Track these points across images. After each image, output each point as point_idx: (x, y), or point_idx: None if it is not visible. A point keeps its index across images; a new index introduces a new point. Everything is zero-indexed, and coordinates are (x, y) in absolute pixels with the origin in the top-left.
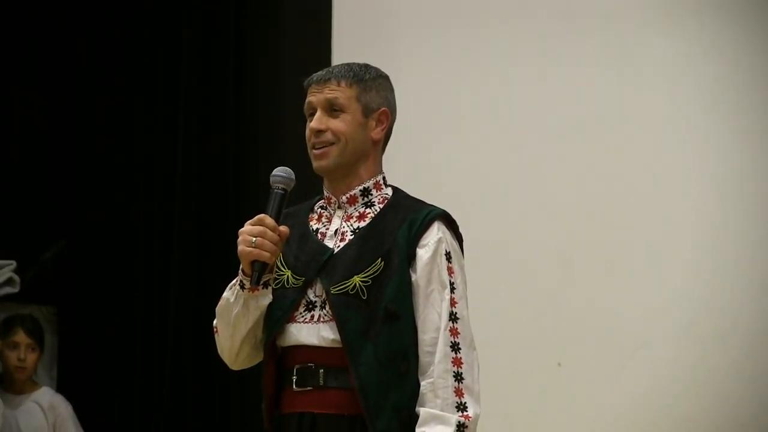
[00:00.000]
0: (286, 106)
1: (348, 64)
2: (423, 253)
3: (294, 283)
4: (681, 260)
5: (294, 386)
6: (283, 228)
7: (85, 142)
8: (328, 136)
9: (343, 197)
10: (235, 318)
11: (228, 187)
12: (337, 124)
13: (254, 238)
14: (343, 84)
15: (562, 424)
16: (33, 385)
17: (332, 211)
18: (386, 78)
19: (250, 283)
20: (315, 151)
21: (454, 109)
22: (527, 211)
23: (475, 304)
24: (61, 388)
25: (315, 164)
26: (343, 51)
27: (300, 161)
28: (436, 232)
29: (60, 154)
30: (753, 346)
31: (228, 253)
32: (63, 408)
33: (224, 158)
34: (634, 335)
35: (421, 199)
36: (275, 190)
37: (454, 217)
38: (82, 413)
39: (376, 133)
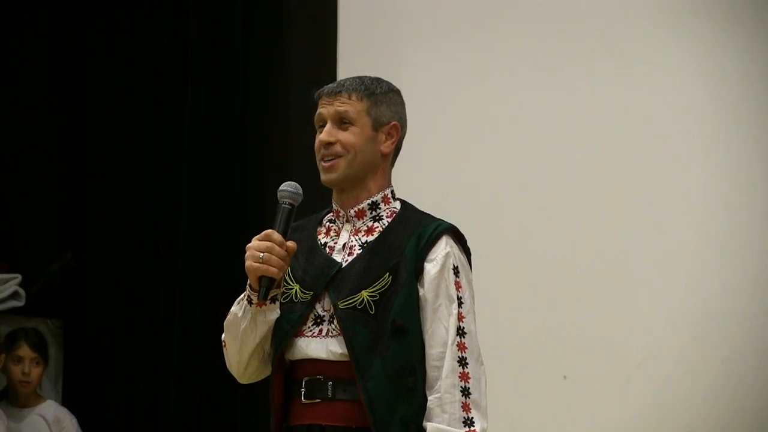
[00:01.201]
0: (292, 116)
1: (360, 78)
2: (431, 268)
3: (302, 298)
4: (687, 272)
5: (302, 398)
6: (290, 243)
7: (90, 155)
8: (338, 148)
9: (351, 211)
10: (242, 333)
11: (234, 198)
12: (347, 136)
13: (261, 254)
14: (353, 97)
15: None
16: (38, 398)
17: (341, 225)
18: (397, 92)
19: (258, 299)
20: (324, 164)
21: (458, 116)
22: (532, 222)
23: (479, 316)
24: (66, 402)
25: (323, 177)
26: (348, 58)
27: (305, 171)
28: (444, 247)
29: (66, 167)
30: (760, 359)
31: (234, 266)
32: (68, 421)
33: (230, 169)
34: (639, 348)
35: (428, 212)
36: (283, 205)
37: (459, 226)
38: (87, 427)
39: (386, 147)
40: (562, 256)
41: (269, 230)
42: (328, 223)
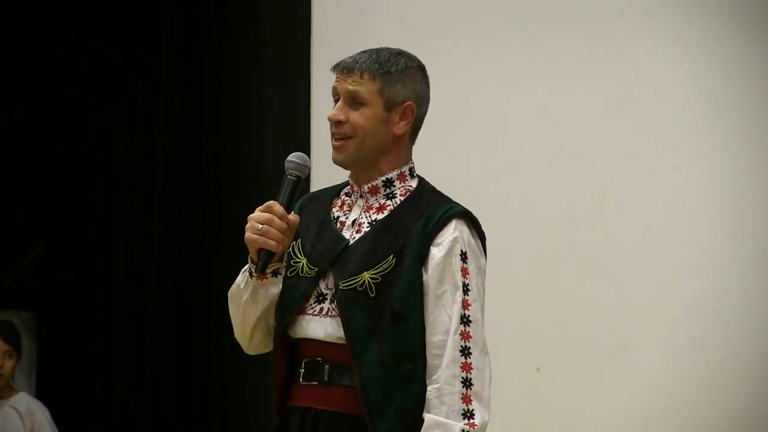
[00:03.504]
0: (268, 112)
1: (377, 52)
2: (436, 252)
3: (308, 273)
4: (662, 263)
5: (301, 380)
6: (292, 216)
7: (64, 147)
8: (347, 129)
9: (365, 187)
10: (244, 304)
11: (208, 191)
12: (357, 117)
13: (261, 226)
14: (366, 76)
15: (542, 429)
16: (10, 390)
17: (354, 200)
18: (418, 68)
19: (256, 271)
20: (334, 142)
21: (434, 111)
22: (507, 213)
23: None
24: (40, 394)
25: (333, 156)
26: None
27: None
28: (452, 231)
29: (39, 159)
30: (736, 350)
31: (208, 258)
32: (40, 413)
33: (205, 162)
34: (613, 340)
35: (444, 194)
36: (288, 177)
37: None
38: (60, 419)
39: (399, 128)
40: (536, 248)
41: (271, 201)
42: (344, 196)
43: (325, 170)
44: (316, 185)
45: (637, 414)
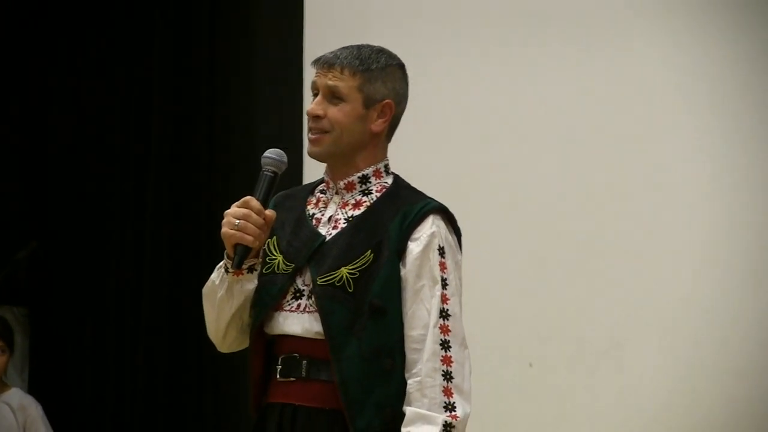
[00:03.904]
0: (259, 111)
1: (359, 49)
2: (414, 247)
3: (284, 269)
4: (654, 260)
5: (278, 376)
6: (269, 212)
7: (57, 143)
8: (325, 123)
9: (341, 183)
10: (219, 301)
11: (200, 188)
12: (335, 113)
13: (238, 221)
14: (346, 72)
15: (534, 425)
16: (3, 386)
17: (330, 197)
18: (398, 66)
19: (232, 267)
20: (310, 135)
21: (424, 107)
22: (499, 210)
23: None
24: (32, 390)
25: (308, 149)
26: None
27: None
28: (429, 226)
29: (31, 155)
30: (728, 347)
31: (201, 253)
32: (33, 409)
33: (197, 158)
34: (606, 336)
35: (420, 191)
36: (265, 173)
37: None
38: (53, 414)
39: (377, 126)
40: (529, 245)
41: (248, 197)
42: (318, 193)
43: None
44: (309, 182)
45: (629, 410)
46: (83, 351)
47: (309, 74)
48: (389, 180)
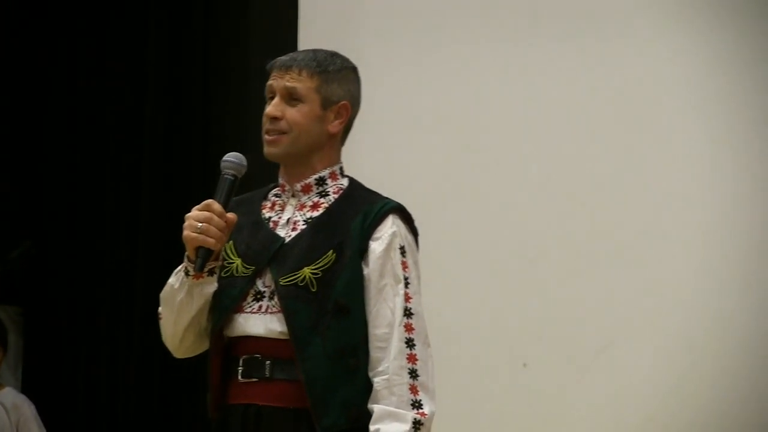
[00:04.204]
0: (253, 108)
1: (314, 52)
2: (376, 246)
3: (243, 272)
4: (648, 260)
5: (240, 377)
6: (230, 215)
7: (50, 142)
8: (283, 125)
9: (298, 185)
10: (179, 305)
11: (194, 185)
12: (293, 114)
13: (200, 224)
14: (304, 74)
15: (527, 425)
16: None
17: (286, 200)
18: (352, 69)
19: (194, 270)
20: (267, 137)
21: (417, 106)
22: (492, 210)
23: (439, 304)
24: (26, 389)
25: (265, 150)
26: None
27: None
28: (390, 225)
29: (25, 154)
30: (719, 348)
31: None
32: (26, 408)
33: (191, 156)
34: (600, 336)
35: (377, 192)
36: (225, 176)
37: (420, 214)
38: (47, 414)
39: (334, 127)
40: (522, 244)
41: (209, 200)
42: (273, 198)
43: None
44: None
45: (622, 409)
46: (77, 350)
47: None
48: (345, 182)
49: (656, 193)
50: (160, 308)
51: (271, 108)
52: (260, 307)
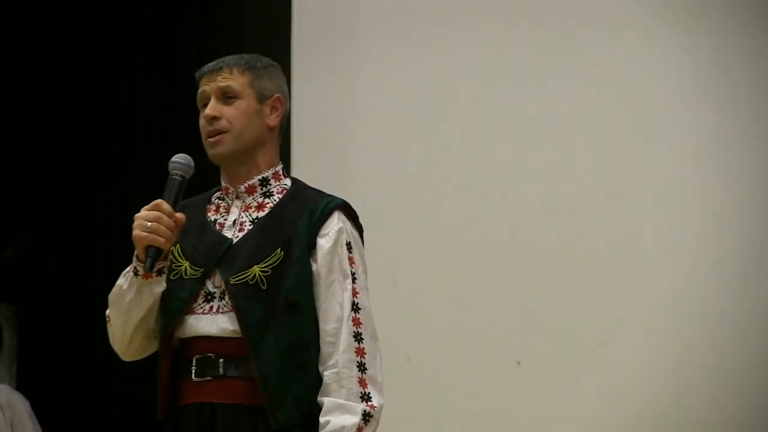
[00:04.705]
0: None
1: (239, 55)
2: (323, 243)
3: (192, 274)
4: (642, 258)
5: (193, 376)
6: (179, 215)
7: (46, 140)
8: (223, 123)
9: (242, 187)
10: (128, 305)
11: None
12: (232, 111)
13: (150, 223)
14: (235, 72)
15: (521, 423)
16: None
17: (230, 202)
18: (278, 67)
19: (144, 270)
20: (209, 140)
21: (416, 104)
22: (486, 208)
23: (433, 302)
24: (20, 386)
25: (210, 152)
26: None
27: None
28: (336, 222)
29: (21, 152)
30: (715, 344)
31: None
32: (20, 405)
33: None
34: (594, 333)
35: (321, 190)
36: (173, 177)
37: (417, 212)
38: (41, 411)
39: (272, 120)
40: (516, 242)
41: (158, 200)
42: (217, 201)
43: (308, 163)
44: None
45: (616, 407)
46: (71, 348)
47: (298, 80)
48: (288, 182)
49: (651, 191)
50: (107, 311)
51: (209, 109)
52: (211, 307)
